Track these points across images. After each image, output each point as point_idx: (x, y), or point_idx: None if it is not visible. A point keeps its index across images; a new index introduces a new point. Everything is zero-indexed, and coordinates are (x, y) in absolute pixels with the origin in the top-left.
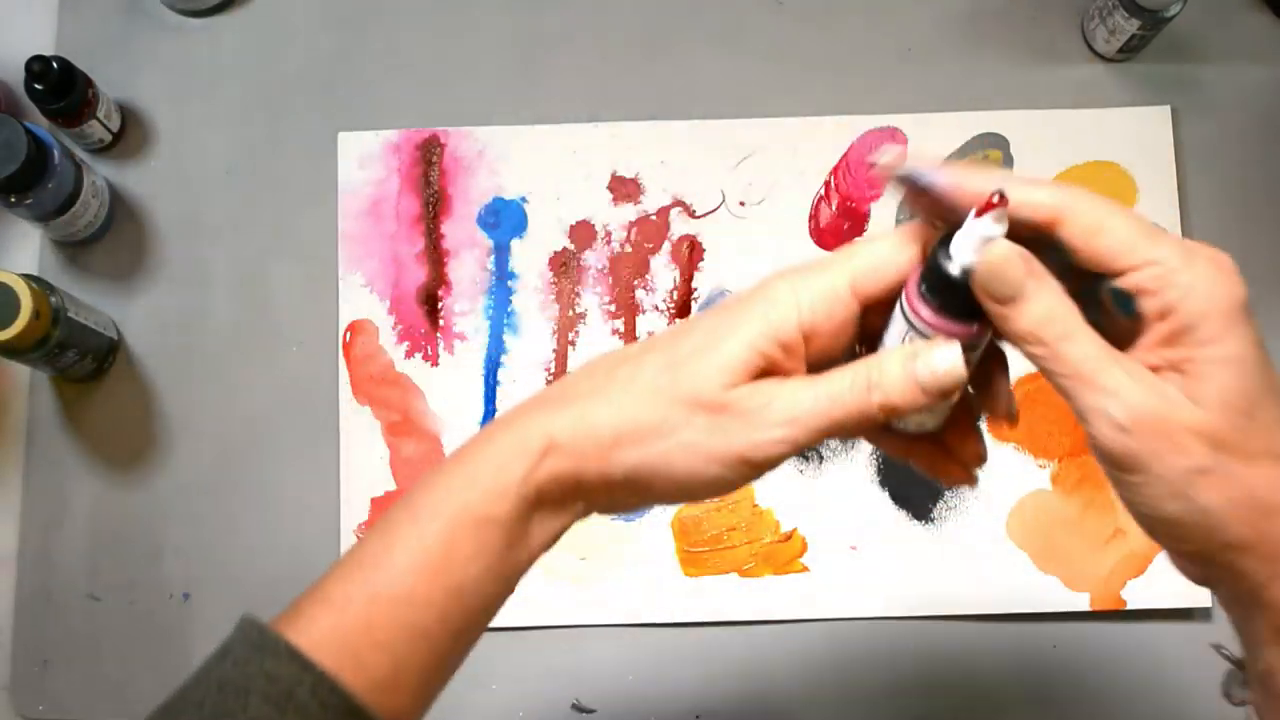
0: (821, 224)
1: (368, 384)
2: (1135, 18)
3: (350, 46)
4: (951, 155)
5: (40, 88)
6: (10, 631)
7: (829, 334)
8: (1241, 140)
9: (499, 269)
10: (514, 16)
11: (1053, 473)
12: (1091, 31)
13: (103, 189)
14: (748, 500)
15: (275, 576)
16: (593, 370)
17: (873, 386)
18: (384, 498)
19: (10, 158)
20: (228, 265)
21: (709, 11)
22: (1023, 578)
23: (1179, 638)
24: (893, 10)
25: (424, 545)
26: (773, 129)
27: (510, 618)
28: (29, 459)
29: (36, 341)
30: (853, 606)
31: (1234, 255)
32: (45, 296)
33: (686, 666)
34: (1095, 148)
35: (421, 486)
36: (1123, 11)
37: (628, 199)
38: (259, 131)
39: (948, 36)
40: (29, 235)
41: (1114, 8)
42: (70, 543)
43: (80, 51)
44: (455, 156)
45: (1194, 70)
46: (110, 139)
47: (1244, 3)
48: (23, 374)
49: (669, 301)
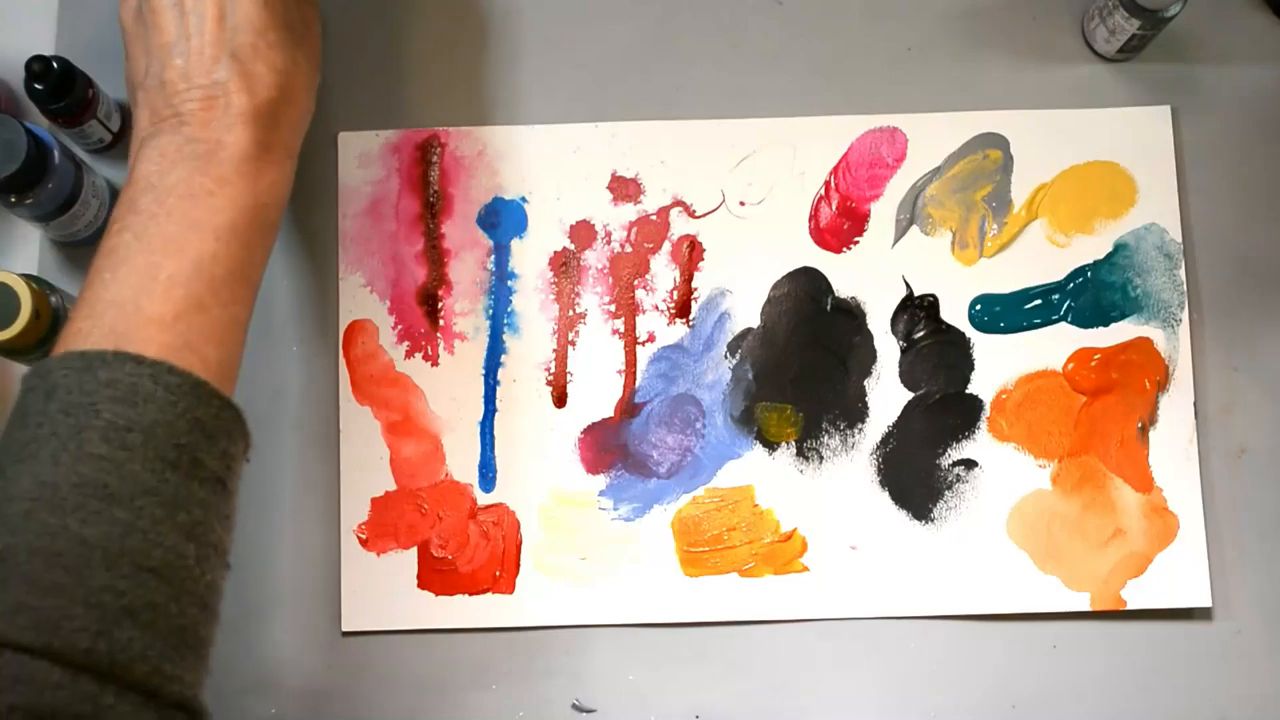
0: (822, 224)
1: (368, 384)
2: (1135, 18)
3: (349, 46)
4: (951, 155)
5: (40, 88)
6: None
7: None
8: (1242, 140)
9: (499, 269)
10: (514, 16)
11: (1053, 473)
12: (1091, 31)
13: (103, 189)
14: (748, 500)
15: (274, 576)
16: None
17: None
18: (384, 498)
19: (10, 158)
20: None
21: (709, 11)
22: (1023, 578)
23: (1180, 637)
24: (892, 10)
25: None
26: (772, 129)
27: (510, 617)
28: None
29: (36, 341)
30: (853, 606)
31: (1233, 256)
32: (45, 296)
33: (686, 666)
34: (1095, 147)
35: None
36: (1123, 11)
37: (628, 199)
38: None
39: (948, 37)
40: (29, 235)
41: (1114, 8)
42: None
43: (80, 51)
44: (455, 156)
45: (1194, 70)
46: (110, 139)
47: (1244, 2)
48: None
49: (669, 301)
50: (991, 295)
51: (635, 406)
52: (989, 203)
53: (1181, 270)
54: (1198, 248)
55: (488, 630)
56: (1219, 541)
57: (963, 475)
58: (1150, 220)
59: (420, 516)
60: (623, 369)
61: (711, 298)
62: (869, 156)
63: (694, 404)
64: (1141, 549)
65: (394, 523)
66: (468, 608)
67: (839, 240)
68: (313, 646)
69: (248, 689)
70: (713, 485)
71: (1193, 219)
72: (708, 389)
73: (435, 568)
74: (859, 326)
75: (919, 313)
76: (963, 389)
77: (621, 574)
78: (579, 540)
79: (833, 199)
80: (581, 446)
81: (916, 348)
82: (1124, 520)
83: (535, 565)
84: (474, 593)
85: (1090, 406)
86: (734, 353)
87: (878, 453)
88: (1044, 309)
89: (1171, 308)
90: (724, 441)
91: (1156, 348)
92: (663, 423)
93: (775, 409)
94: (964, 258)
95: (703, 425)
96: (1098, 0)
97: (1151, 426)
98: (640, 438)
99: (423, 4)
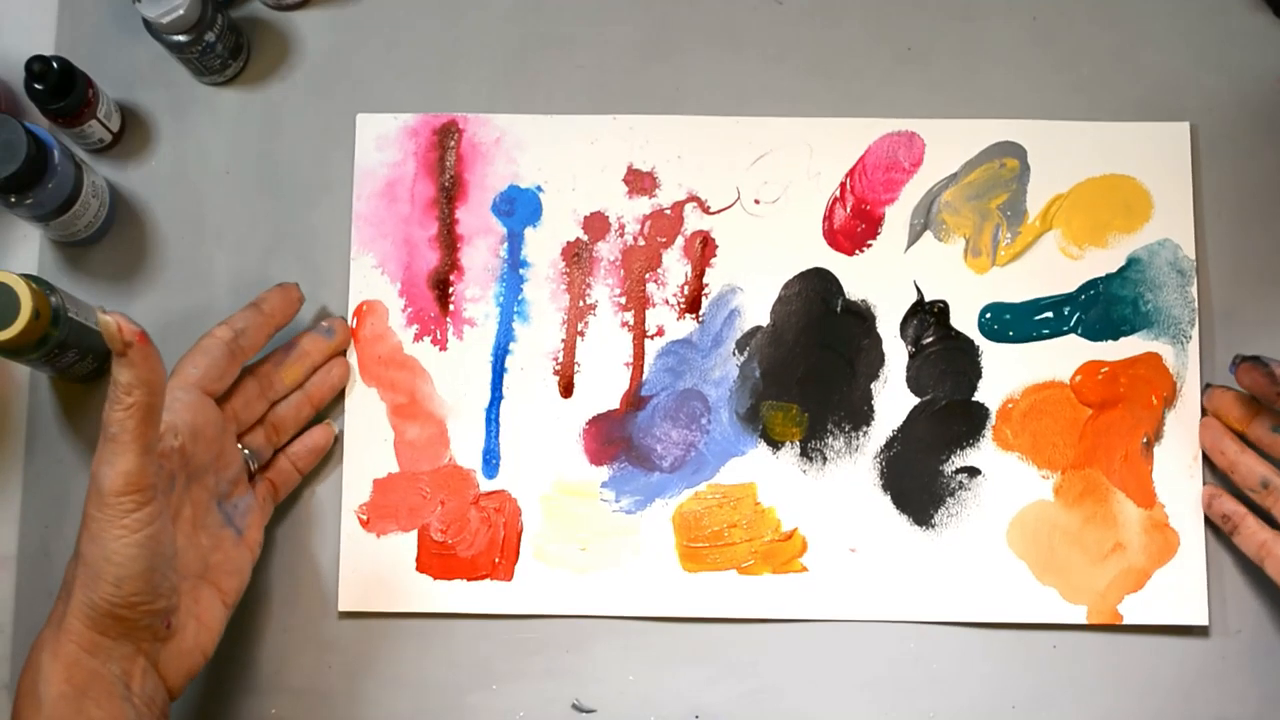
0: (835, 225)
1: (375, 365)
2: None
3: (369, 28)
4: (968, 162)
5: (40, 88)
6: (10, 631)
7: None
8: (1251, 150)
9: (511, 257)
10: (538, 5)
11: (1055, 484)
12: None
13: (103, 189)
14: (750, 498)
15: (276, 562)
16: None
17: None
18: (387, 479)
19: (10, 158)
20: (228, 265)
21: (723, 9)
22: (1021, 588)
23: (1176, 651)
24: (896, 11)
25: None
26: (789, 128)
27: (508, 604)
28: (29, 459)
29: (36, 341)
30: (851, 608)
31: (1248, 270)
32: (45, 296)
33: (686, 666)
34: (1112, 161)
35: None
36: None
37: (643, 192)
38: (261, 128)
39: (968, 45)
40: (29, 235)
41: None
42: (70, 543)
43: (80, 51)
44: (473, 143)
45: (1198, 74)
46: (110, 139)
47: (1245, 3)
48: (23, 374)
49: (679, 296)
50: (1002, 304)
51: (641, 399)
52: (1004, 211)
53: (1193, 287)
54: (1210, 264)
55: (487, 618)
56: (1218, 560)
57: (965, 483)
58: (1164, 236)
59: (422, 500)
60: (630, 362)
61: (722, 294)
62: (886, 160)
63: (700, 399)
64: (1141, 564)
65: (395, 505)
66: (466, 593)
67: (852, 242)
68: (310, 627)
69: (248, 689)
70: (715, 481)
71: (1207, 233)
72: (714, 385)
73: (435, 551)
74: (868, 329)
75: (929, 318)
76: (969, 396)
77: (621, 566)
78: (580, 531)
79: (847, 201)
80: (586, 437)
81: (925, 353)
82: (1124, 535)
83: (535, 554)
84: (473, 578)
85: (1096, 419)
86: (742, 350)
87: (881, 456)
88: (1054, 320)
89: (1182, 324)
90: (728, 438)
91: (1165, 363)
92: (668, 417)
93: (781, 408)
94: (976, 265)
95: (708, 421)
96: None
97: (1156, 442)
98: (645, 431)
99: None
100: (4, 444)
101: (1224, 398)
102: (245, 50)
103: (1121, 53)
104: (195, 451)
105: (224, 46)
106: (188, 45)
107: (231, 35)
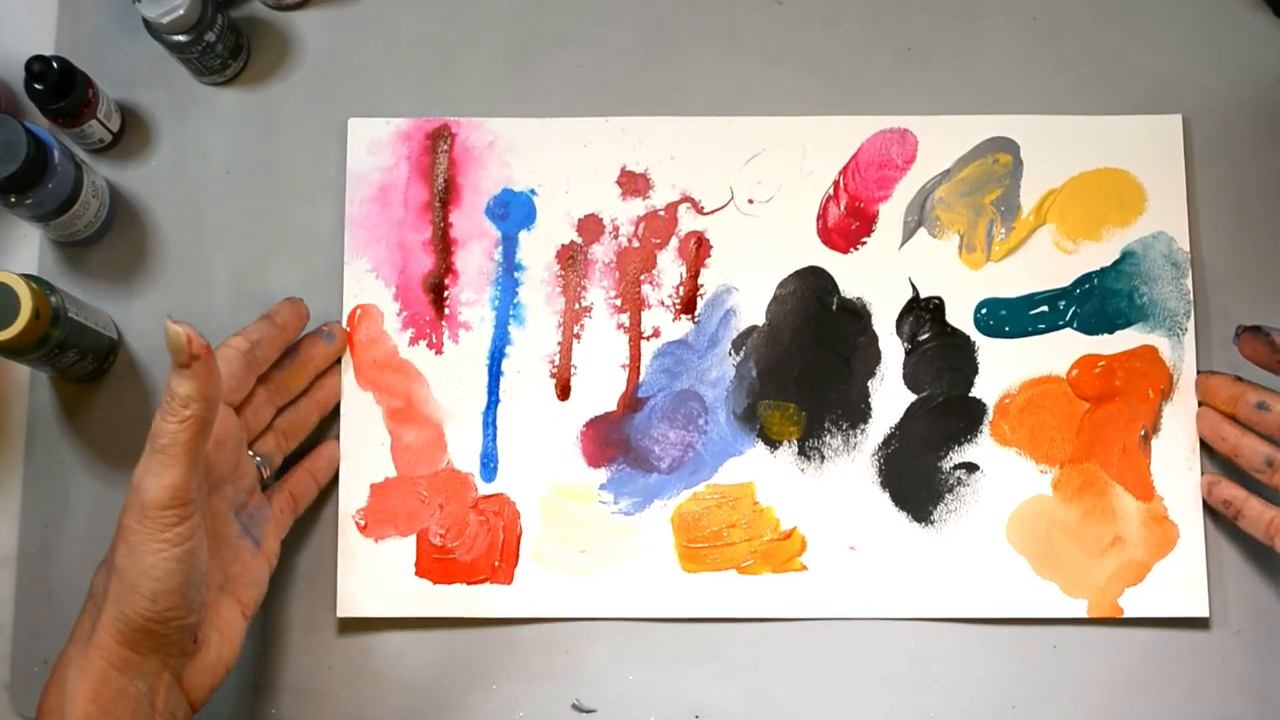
0: (829, 224)
1: (371, 369)
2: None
3: (361, 32)
4: (961, 158)
5: (40, 88)
6: (10, 631)
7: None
8: (1247, 145)
9: (506, 260)
10: (528, 8)
11: (1054, 479)
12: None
13: (103, 189)
14: (748, 497)
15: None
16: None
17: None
18: (384, 484)
19: (10, 158)
20: (228, 265)
21: (723, 9)
22: (1021, 583)
23: (1176, 643)
24: (893, 11)
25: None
26: (782, 127)
27: (508, 608)
28: (29, 459)
29: (36, 341)
30: (851, 607)
31: (1242, 265)
32: (45, 296)
33: (686, 666)
34: (1105, 154)
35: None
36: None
37: (636, 194)
38: (260, 128)
39: (968, 45)
40: (29, 235)
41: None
42: (70, 543)
43: (80, 51)
44: (465, 146)
45: (1197, 73)
46: (110, 139)
47: (1244, 2)
48: (23, 374)
49: (675, 297)
50: (997, 299)
51: (638, 401)
52: (997, 207)
53: (1188, 279)
54: (1205, 257)
55: (486, 623)
56: (1218, 552)
57: (964, 478)
58: (1158, 229)
59: (420, 504)
60: (627, 363)
61: (717, 294)
62: (879, 157)
63: (697, 400)
64: (1140, 557)
65: (393, 509)
66: (465, 597)
67: (846, 240)
68: (309, 633)
69: (248, 688)
70: (713, 481)
71: (1202, 227)
72: (711, 385)
73: (434, 556)
74: (864, 327)
75: (924, 315)
76: (966, 392)
77: (620, 568)
78: (579, 533)
79: (841, 199)
80: (583, 439)
81: (921, 350)
82: (1124, 528)
83: (534, 556)
84: (472, 582)
85: (1093, 413)
86: (738, 350)
87: (879, 454)
88: (1050, 314)
89: (1177, 316)
90: (726, 438)
91: (1161, 356)
92: (665, 418)
93: (778, 407)
94: (971, 261)
95: (705, 421)
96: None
97: (1154, 435)
98: (642, 432)
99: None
100: (4, 444)
101: (1211, 381)
102: (245, 50)
103: (1122, 53)
104: (217, 461)
105: (224, 47)
106: (188, 45)
107: (231, 35)
